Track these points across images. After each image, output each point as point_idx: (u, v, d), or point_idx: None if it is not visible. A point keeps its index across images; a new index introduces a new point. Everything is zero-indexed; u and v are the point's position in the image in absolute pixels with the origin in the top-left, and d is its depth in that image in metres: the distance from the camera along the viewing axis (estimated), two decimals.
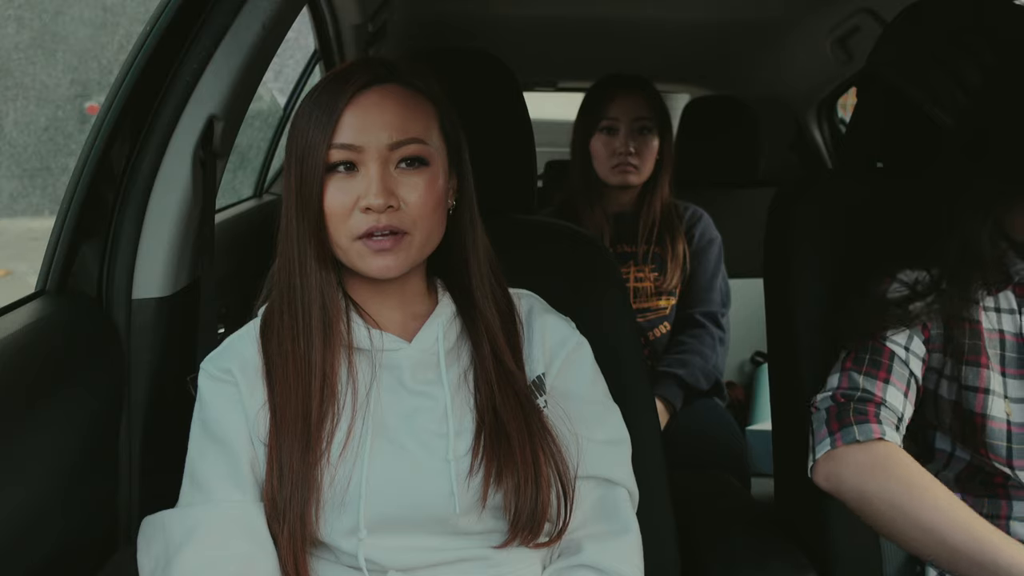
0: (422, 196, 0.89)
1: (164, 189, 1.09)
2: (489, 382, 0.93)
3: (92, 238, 1.06)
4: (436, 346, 0.95)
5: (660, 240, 1.88)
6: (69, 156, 1.00)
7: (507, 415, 0.91)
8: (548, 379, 0.98)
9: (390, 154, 0.88)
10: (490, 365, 0.94)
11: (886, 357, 1.07)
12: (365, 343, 0.93)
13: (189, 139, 1.08)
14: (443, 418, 0.92)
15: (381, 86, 0.90)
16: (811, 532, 1.23)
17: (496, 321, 0.96)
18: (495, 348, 0.95)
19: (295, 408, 0.88)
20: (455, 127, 0.96)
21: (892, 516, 0.99)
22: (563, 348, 1.00)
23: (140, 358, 1.08)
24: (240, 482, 0.89)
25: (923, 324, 1.08)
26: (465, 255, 0.97)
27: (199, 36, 1.05)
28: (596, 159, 1.86)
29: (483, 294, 0.97)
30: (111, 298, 1.07)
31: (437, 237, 0.93)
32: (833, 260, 1.24)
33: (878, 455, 1.01)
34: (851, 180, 1.37)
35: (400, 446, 0.90)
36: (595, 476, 0.96)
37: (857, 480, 1.01)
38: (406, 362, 0.94)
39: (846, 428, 1.03)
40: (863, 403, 1.05)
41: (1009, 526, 1.06)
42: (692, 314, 1.88)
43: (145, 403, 1.08)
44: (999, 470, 1.04)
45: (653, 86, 1.89)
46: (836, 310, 1.18)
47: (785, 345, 1.30)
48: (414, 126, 0.89)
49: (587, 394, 1.00)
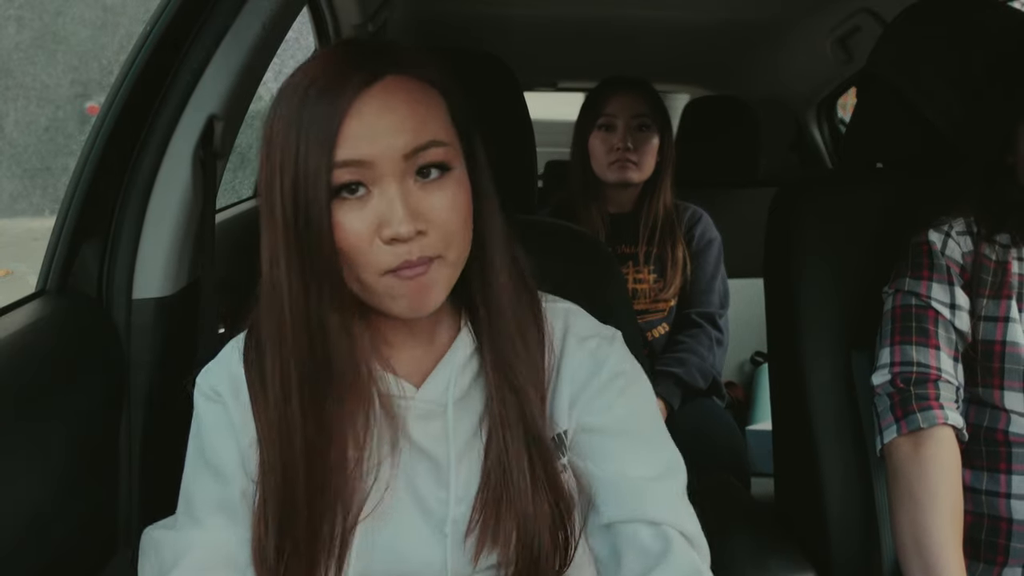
0: (450, 212, 0.73)
1: (164, 189, 1.08)
2: (503, 437, 0.80)
3: (92, 238, 1.06)
4: (445, 395, 0.82)
5: (661, 243, 1.87)
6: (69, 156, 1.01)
7: (517, 474, 0.79)
8: (575, 417, 0.84)
9: (407, 164, 0.72)
10: (507, 416, 0.80)
11: (931, 323, 1.12)
12: (379, 384, 0.80)
13: (189, 139, 1.08)
14: (445, 481, 0.81)
15: (384, 80, 0.73)
16: (811, 532, 1.23)
17: (521, 355, 0.81)
18: (515, 392, 0.80)
19: (292, 474, 0.77)
20: (465, 115, 0.80)
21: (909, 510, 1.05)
22: (594, 379, 0.84)
23: (140, 358, 1.08)
24: (231, 511, 0.82)
25: (961, 268, 1.13)
26: (483, 268, 0.81)
27: (199, 36, 1.05)
28: (594, 157, 1.86)
29: (506, 318, 0.81)
30: (111, 298, 1.07)
31: (468, 249, 0.78)
32: (833, 260, 1.24)
33: (935, 446, 1.06)
34: (851, 180, 1.37)
35: (394, 505, 0.80)
36: (637, 519, 0.80)
37: (906, 467, 1.07)
38: (411, 412, 0.81)
39: (910, 416, 1.07)
40: (922, 384, 1.09)
41: (1010, 505, 1.08)
42: (690, 314, 1.88)
43: (145, 403, 1.08)
44: (1005, 411, 1.08)
45: (652, 86, 1.89)
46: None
47: (785, 345, 1.30)
48: (429, 126, 0.73)
49: (625, 427, 0.84)
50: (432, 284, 0.74)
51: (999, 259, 1.11)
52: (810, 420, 1.21)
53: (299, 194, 0.71)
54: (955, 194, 1.18)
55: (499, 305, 0.81)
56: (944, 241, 1.14)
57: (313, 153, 0.71)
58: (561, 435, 0.84)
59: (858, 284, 1.23)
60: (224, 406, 0.82)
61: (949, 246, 1.13)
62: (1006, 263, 1.11)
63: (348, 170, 0.71)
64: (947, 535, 1.02)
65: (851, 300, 1.22)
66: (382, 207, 0.72)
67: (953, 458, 1.06)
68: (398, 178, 0.72)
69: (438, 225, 0.73)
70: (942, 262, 1.13)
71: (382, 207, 0.72)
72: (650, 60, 2.62)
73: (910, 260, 1.15)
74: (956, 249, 1.13)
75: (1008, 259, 1.11)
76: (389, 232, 0.71)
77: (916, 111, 1.25)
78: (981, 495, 1.11)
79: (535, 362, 0.82)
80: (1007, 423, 1.09)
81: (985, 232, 1.13)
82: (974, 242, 1.13)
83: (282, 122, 0.73)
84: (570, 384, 0.84)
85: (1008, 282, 1.10)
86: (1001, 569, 1.10)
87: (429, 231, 0.73)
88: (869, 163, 1.41)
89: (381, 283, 0.73)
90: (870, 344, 1.17)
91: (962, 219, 1.14)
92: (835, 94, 2.57)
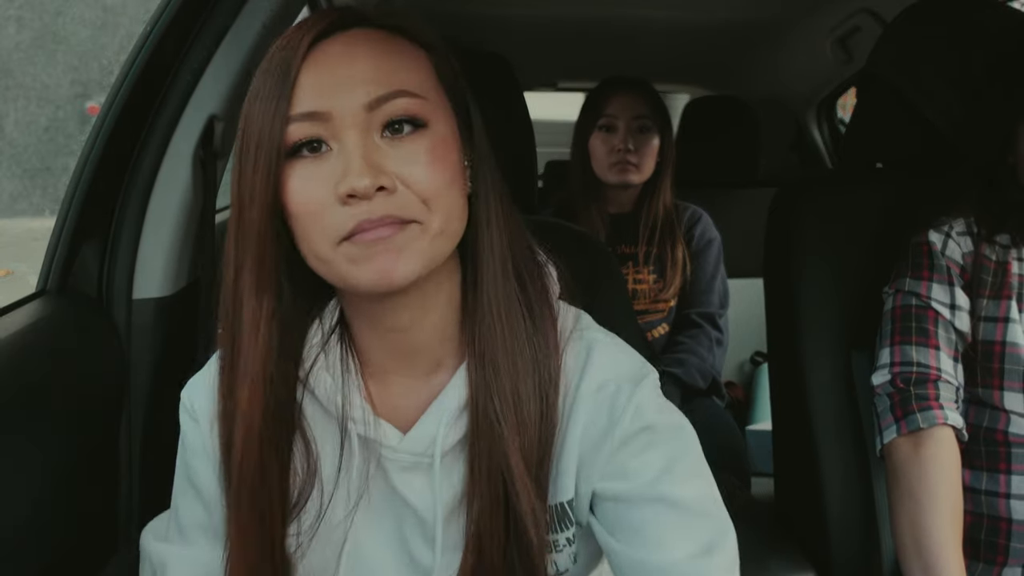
0: (426, 168, 0.64)
1: (165, 189, 1.09)
2: (493, 500, 0.68)
3: (92, 238, 1.06)
4: (433, 447, 0.70)
5: (660, 243, 1.87)
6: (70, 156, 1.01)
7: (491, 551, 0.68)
8: (586, 482, 0.71)
9: (370, 117, 0.64)
10: (486, 490, 0.68)
11: (931, 323, 1.12)
12: (357, 425, 0.71)
13: (189, 139, 1.08)
14: (430, 542, 0.72)
15: (346, 32, 0.66)
16: (810, 532, 1.23)
17: (523, 405, 0.68)
18: (501, 463, 0.68)
19: (249, 498, 0.69)
20: (457, 79, 0.70)
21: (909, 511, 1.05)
22: (608, 438, 0.70)
23: (140, 358, 1.08)
24: (213, 531, 0.77)
25: (961, 268, 1.13)
26: (479, 280, 0.69)
27: (199, 36, 1.05)
28: (594, 158, 1.86)
29: (506, 351, 0.68)
30: (111, 298, 1.07)
31: (459, 225, 0.67)
32: (833, 260, 1.24)
33: (934, 446, 1.06)
34: (851, 180, 1.37)
35: (373, 567, 0.73)
36: None
37: (906, 467, 1.07)
38: (394, 464, 0.71)
39: (910, 416, 1.08)
40: (922, 385, 1.09)
41: (1009, 505, 1.08)
42: (689, 314, 1.88)
43: (145, 403, 1.08)
44: (1004, 412, 1.08)
45: (652, 87, 1.89)
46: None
47: (785, 345, 1.30)
48: (398, 76, 0.65)
49: (654, 493, 0.69)
50: (401, 249, 0.63)
51: (999, 259, 1.11)
52: (810, 420, 1.21)
53: (253, 155, 0.64)
54: (955, 194, 1.18)
55: (490, 331, 0.69)
56: (944, 241, 1.13)
57: (267, 109, 0.64)
58: (564, 505, 0.72)
59: (858, 284, 1.23)
60: (196, 423, 0.75)
61: (949, 246, 1.13)
62: (1006, 263, 1.11)
63: (306, 124, 0.63)
64: (947, 535, 1.02)
65: (851, 300, 1.22)
66: (341, 162, 0.63)
67: (953, 458, 1.06)
68: (359, 131, 0.63)
69: (411, 183, 0.63)
70: (942, 262, 1.13)
71: (341, 162, 0.63)
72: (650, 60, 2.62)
73: (910, 260, 1.15)
74: (956, 249, 1.13)
75: (1008, 259, 1.11)
76: (344, 186, 0.61)
77: (916, 111, 1.25)
78: (981, 495, 1.11)
79: (531, 417, 0.68)
80: (1007, 423, 1.09)
81: (985, 232, 1.13)
82: (974, 242, 1.13)
83: (251, 86, 0.67)
84: (578, 443, 0.71)
85: (1008, 282, 1.10)
86: (1001, 569, 1.10)
87: (397, 189, 0.63)
88: (869, 163, 1.41)
89: (338, 253, 0.63)
90: (870, 344, 1.17)
91: (962, 219, 1.14)
92: (835, 94, 2.57)
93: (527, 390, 0.69)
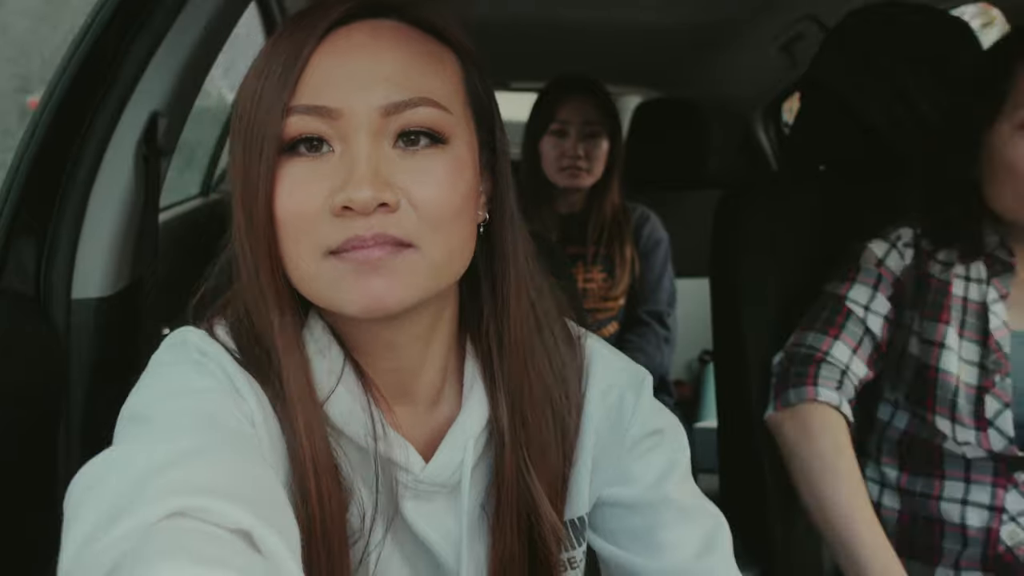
0: (437, 189, 0.56)
1: (106, 186, 1.06)
2: (510, 524, 0.65)
3: (29, 236, 1.03)
4: (458, 475, 0.65)
5: (609, 242, 1.89)
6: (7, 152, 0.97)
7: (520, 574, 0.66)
8: (594, 490, 0.70)
9: (385, 122, 0.56)
10: (524, 502, 0.65)
11: (842, 316, 1.13)
12: (367, 440, 0.63)
13: (132, 135, 1.06)
14: (445, 568, 0.67)
15: (373, 20, 0.59)
16: (755, 529, 1.25)
17: (545, 431, 0.65)
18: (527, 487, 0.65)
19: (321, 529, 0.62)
20: (488, 96, 0.64)
21: (807, 487, 1.06)
22: (616, 444, 0.69)
23: (79, 359, 1.05)
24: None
25: (895, 279, 1.13)
26: (500, 306, 0.65)
27: (141, 31, 1.03)
28: (545, 160, 1.87)
29: (527, 384, 0.65)
30: (49, 298, 1.04)
31: (461, 260, 0.60)
32: (777, 260, 1.27)
33: (812, 420, 1.07)
34: (794, 183, 1.40)
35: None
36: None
37: (792, 443, 1.09)
38: (410, 491, 0.65)
39: (784, 392, 1.10)
40: (804, 363, 1.11)
41: (940, 507, 1.11)
42: (638, 313, 1.90)
43: (85, 405, 1.06)
44: (937, 431, 1.09)
45: (604, 89, 1.91)
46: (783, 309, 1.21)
47: (730, 344, 1.32)
48: (425, 81, 0.57)
49: (658, 496, 0.69)
50: (394, 273, 0.55)
51: (940, 278, 1.11)
52: (752, 417, 1.23)
53: (249, 146, 0.57)
54: (905, 204, 1.19)
55: (515, 362, 0.65)
56: (888, 251, 1.14)
57: (269, 95, 0.56)
58: (580, 520, 0.69)
59: (798, 284, 1.25)
60: (242, 399, 0.66)
61: (892, 256, 1.14)
62: (947, 283, 1.10)
63: (308, 118, 0.56)
64: (851, 507, 1.02)
65: (792, 300, 1.25)
66: (343, 168, 0.55)
67: (829, 432, 1.06)
68: (371, 137, 0.56)
69: (418, 203, 0.56)
70: (871, 267, 1.14)
71: (343, 168, 0.55)
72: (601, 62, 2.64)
73: (843, 264, 1.17)
74: (898, 260, 1.14)
75: (950, 279, 1.10)
76: (342, 196, 0.53)
77: (857, 115, 1.28)
78: (916, 497, 1.13)
79: (554, 439, 0.66)
80: (942, 439, 1.10)
81: (929, 247, 1.12)
82: (917, 255, 1.13)
83: (252, 67, 0.59)
84: (591, 455, 0.69)
85: (948, 305, 1.10)
86: (934, 568, 1.13)
87: (401, 208, 0.55)
88: (813, 165, 1.44)
89: (323, 268, 0.56)
90: None
91: (910, 230, 1.15)
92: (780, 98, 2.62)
93: (548, 414, 0.66)
